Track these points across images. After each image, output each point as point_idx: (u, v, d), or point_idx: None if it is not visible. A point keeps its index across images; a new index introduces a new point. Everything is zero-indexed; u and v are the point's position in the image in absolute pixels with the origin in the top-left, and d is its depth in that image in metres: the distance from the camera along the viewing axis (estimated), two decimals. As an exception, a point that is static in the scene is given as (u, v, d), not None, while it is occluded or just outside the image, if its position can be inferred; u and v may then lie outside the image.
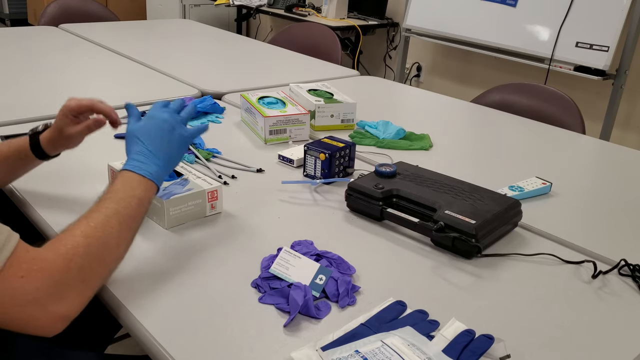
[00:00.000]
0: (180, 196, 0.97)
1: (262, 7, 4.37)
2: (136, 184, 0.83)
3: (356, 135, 1.48)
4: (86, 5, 3.04)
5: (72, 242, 0.71)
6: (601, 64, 2.71)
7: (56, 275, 0.68)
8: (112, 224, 0.76)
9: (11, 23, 6.15)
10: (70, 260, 0.70)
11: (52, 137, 1.00)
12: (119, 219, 0.77)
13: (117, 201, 0.79)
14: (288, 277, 0.84)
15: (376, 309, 0.79)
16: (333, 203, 1.13)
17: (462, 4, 3.26)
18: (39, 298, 0.66)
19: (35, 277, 0.66)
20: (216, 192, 1.02)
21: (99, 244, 0.74)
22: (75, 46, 2.29)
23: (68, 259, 0.70)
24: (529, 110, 1.86)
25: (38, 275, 0.67)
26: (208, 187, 1.01)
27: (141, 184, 0.83)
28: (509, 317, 0.82)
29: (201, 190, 1.00)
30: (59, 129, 0.99)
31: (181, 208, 0.98)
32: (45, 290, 0.67)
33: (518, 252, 0.99)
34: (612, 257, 0.99)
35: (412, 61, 4.00)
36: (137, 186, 0.82)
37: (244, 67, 2.14)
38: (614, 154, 1.52)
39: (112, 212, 0.77)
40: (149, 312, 0.78)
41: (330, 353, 0.69)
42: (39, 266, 0.67)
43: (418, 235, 1.01)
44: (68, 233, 0.73)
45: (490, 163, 1.39)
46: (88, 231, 0.73)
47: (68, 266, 0.69)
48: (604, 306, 0.86)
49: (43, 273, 0.67)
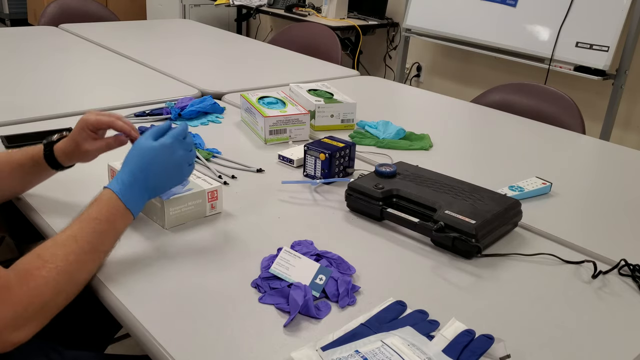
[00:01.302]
0: (180, 196, 0.97)
1: (262, 7, 4.37)
2: (118, 215, 0.82)
3: (356, 135, 1.48)
4: (86, 5, 3.04)
5: (41, 275, 0.71)
6: (601, 64, 2.71)
7: (19, 307, 0.68)
8: (85, 257, 0.77)
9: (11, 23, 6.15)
10: (35, 296, 0.70)
11: (67, 149, 0.98)
12: (92, 249, 0.78)
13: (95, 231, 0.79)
14: (288, 277, 0.84)
15: (376, 309, 0.79)
16: (333, 203, 1.13)
17: (462, 4, 3.26)
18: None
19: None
20: (216, 192, 1.02)
21: (67, 280, 0.74)
22: (75, 46, 2.29)
23: (34, 294, 0.69)
24: (529, 110, 1.86)
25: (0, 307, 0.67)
26: (208, 187, 1.01)
27: (123, 215, 0.83)
28: (509, 317, 0.82)
29: (201, 190, 1.00)
30: (76, 142, 0.97)
31: (181, 208, 0.98)
32: (3, 321, 0.67)
33: (518, 252, 0.99)
34: (612, 257, 0.99)
35: (412, 61, 4.00)
36: (119, 218, 0.82)
37: (244, 67, 2.14)
38: (614, 154, 1.52)
39: (87, 242, 0.77)
40: (149, 312, 0.78)
41: (330, 353, 0.69)
42: (2, 297, 0.67)
43: (418, 235, 1.01)
44: (39, 260, 0.72)
45: (490, 163, 1.39)
46: (60, 264, 0.73)
47: (32, 301, 0.69)
48: (604, 306, 0.86)
49: (5, 304, 0.67)
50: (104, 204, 0.82)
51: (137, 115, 1.49)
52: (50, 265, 0.72)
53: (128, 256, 0.90)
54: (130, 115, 1.49)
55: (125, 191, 0.84)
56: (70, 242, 0.76)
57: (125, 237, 0.95)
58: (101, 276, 0.84)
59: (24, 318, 0.69)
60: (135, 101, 1.62)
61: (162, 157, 0.87)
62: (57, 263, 0.73)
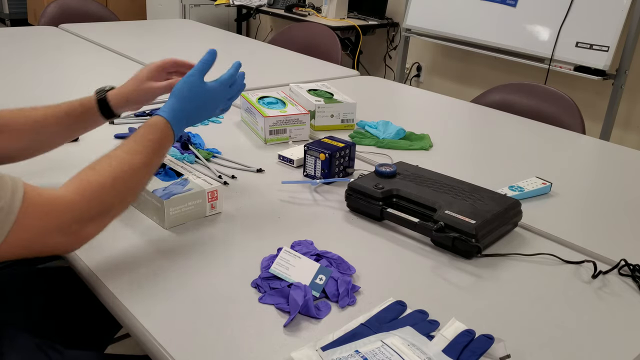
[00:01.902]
0: (180, 196, 0.97)
1: (262, 7, 4.37)
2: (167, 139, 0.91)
3: (356, 135, 1.48)
4: (86, 5, 3.04)
5: (97, 180, 0.77)
6: (601, 64, 2.71)
7: (76, 212, 0.74)
8: (138, 168, 0.83)
9: (11, 23, 6.15)
10: (93, 199, 0.76)
11: (125, 91, 1.05)
12: (144, 163, 0.85)
13: (148, 149, 0.86)
14: (288, 277, 0.84)
15: (376, 309, 0.79)
16: (333, 203, 1.13)
17: (462, 4, 3.26)
18: (60, 230, 0.72)
19: (55, 216, 0.71)
20: (216, 192, 1.02)
21: (122, 185, 0.80)
22: (75, 46, 2.29)
23: (91, 197, 0.76)
24: (529, 110, 1.86)
25: (57, 215, 0.72)
26: (208, 187, 1.01)
27: (170, 139, 0.91)
28: (509, 317, 0.82)
29: (201, 190, 1.00)
30: (139, 81, 1.05)
31: (181, 208, 0.98)
32: (64, 226, 0.73)
33: (518, 252, 0.99)
34: (612, 257, 0.99)
35: (412, 61, 4.00)
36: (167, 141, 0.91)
37: (244, 67, 2.13)
38: (614, 154, 1.52)
39: (140, 156, 0.84)
40: (149, 312, 0.78)
41: (330, 353, 0.69)
42: (57, 207, 0.72)
43: (418, 235, 1.01)
44: (92, 171, 0.79)
45: (490, 163, 1.39)
46: (115, 172, 0.80)
47: (90, 205, 0.76)
48: (604, 306, 0.86)
49: (61, 212, 0.72)
50: (157, 128, 0.90)
51: (137, 115, 1.49)
52: (105, 173, 0.79)
53: (128, 256, 0.90)
54: (130, 115, 1.49)
55: (174, 119, 0.93)
56: (124, 155, 0.83)
57: (125, 237, 0.95)
58: (101, 276, 0.85)
59: (83, 220, 0.75)
60: (135, 101, 1.62)
61: (206, 98, 0.99)
62: (112, 171, 0.80)
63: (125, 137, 1.35)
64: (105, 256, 0.89)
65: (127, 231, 0.97)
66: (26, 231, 0.70)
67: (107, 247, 0.92)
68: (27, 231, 0.70)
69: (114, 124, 1.44)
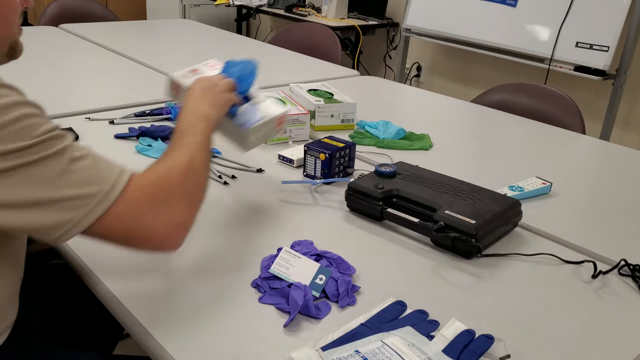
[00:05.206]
0: (257, 125, 1.06)
1: (262, 7, 4.37)
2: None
3: (356, 135, 1.48)
4: (86, 5, 3.04)
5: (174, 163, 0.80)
6: (601, 64, 2.71)
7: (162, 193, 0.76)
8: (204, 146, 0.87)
9: (11, 23, 6.14)
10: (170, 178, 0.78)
11: None
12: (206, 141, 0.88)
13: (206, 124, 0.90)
14: (288, 277, 0.84)
15: (376, 309, 0.79)
16: (333, 203, 1.13)
17: (462, 4, 3.26)
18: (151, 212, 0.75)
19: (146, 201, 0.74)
20: (284, 117, 1.13)
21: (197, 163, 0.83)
22: (75, 46, 2.29)
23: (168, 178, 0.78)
24: (529, 110, 1.86)
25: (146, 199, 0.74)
26: (278, 113, 1.10)
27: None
28: (509, 317, 0.82)
29: (272, 118, 1.09)
30: None
31: (257, 134, 1.07)
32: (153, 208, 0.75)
33: (518, 252, 0.99)
34: (612, 257, 0.99)
35: (412, 61, 4.00)
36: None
37: (244, 67, 2.14)
38: (614, 154, 1.52)
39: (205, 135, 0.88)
40: (149, 312, 0.78)
41: (330, 353, 0.69)
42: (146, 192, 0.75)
43: (418, 235, 1.01)
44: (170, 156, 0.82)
45: (490, 163, 1.39)
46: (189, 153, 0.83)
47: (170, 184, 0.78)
48: (604, 306, 0.86)
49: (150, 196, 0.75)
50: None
51: (137, 115, 1.49)
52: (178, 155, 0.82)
53: (128, 256, 0.90)
54: (130, 115, 1.49)
55: None
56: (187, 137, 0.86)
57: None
58: (101, 276, 0.85)
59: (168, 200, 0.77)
60: (135, 101, 1.62)
61: None
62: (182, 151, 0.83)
63: (125, 137, 1.36)
64: (105, 256, 0.90)
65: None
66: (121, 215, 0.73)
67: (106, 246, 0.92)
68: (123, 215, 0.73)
69: (114, 124, 1.44)
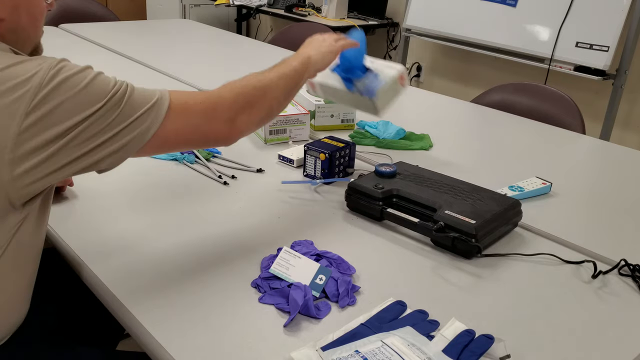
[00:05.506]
0: (381, 89, 1.15)
1: (262, 7, 4.37)
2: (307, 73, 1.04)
3: (356, 135, 1.48)
4: (86, 5, 3.04)
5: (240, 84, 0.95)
6: (601, 64, 2.70)
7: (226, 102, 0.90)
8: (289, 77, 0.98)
9: (11, 23, 6.14)
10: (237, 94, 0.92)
11: None
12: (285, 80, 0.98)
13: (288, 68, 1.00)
14: (288, 277, 0.84)
15: (376, 309, 0.79)
16: (333, 203, 1.13)
17: (462, 4, 3.26)
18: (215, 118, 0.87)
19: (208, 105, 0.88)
20: (403, 76, 1.21)
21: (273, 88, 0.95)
22: (75, 46, 2.29)
23: (235, 92, 0.93)
24: (529, 110, 1.86)
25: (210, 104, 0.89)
26: (395, 73, 1.18)
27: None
28: (509, 317, 0.82)
29: (394, 80, 1.18)
30: None
31: (384, 98, 1.18)
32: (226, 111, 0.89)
33: (518, 252, 0.99)
34: (612, 257, 0.99)
35: (412, 61, 4.00)
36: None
37: (244, 67, 2.14)
38: (614, 154, 1.52)
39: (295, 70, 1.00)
40: (149, 311, 0.78)
41: (330, 353, 0.69)
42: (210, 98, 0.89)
43: (418, 235, 1.01)
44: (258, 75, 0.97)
45: (490, 163, 1.39)
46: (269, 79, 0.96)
47: (236, 98, 0.92)
48: (604, 306, 0.86)
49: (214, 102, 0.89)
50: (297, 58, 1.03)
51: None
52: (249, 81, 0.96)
53: (128, 256, 0.90)
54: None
55: None
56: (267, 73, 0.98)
57: (126, 236, 0.95)
58: (101, 276, 0.85)
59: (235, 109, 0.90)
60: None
61: None
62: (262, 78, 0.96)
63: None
64: (105, 256, 0.90)
65: (127, 231, 0.97)
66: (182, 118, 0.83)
67: (106, 246, 0.92)
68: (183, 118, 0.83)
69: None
